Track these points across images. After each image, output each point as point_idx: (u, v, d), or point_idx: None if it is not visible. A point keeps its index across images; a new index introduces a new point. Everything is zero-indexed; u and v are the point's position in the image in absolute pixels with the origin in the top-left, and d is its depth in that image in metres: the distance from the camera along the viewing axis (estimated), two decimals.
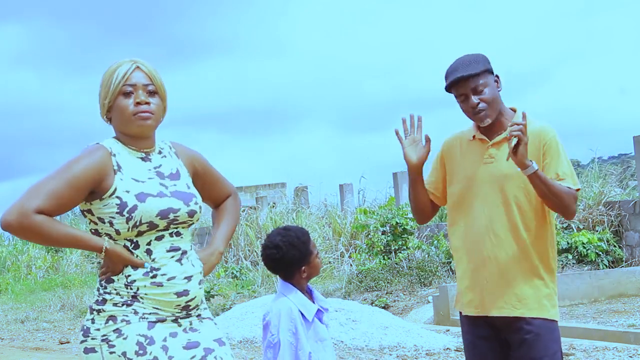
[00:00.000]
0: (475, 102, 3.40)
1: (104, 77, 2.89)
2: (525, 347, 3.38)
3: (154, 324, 2.79)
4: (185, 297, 2.84)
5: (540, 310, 3.40)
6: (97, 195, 2.79)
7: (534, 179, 3.29)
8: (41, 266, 21.30)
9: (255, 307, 10.18)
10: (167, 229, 2.85)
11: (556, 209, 3.39)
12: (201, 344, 2.86)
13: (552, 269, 3.47)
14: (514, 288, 3.39)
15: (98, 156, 2.79)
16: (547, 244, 3.45)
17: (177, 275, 2.83)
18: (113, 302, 2.78)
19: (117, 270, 2.80)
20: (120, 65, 2.88)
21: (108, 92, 2.86)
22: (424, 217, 3.69)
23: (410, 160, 3.53)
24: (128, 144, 2.90)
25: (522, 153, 3.23)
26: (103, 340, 2.76)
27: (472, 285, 3.48)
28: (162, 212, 2.80)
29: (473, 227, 3.46)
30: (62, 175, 2.73)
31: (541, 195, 3.34)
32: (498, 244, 3.41)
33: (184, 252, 2.88)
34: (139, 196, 2.78)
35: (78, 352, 2.97)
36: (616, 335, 8.34)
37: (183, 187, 2.92)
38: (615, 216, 13.56)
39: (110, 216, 2.78)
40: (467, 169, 3.50)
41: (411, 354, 8.04)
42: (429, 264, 13.56)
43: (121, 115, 2.86)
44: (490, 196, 3.43)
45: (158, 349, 2.76)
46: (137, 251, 2.81)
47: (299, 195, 22.65)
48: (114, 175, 2.80)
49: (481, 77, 3.38)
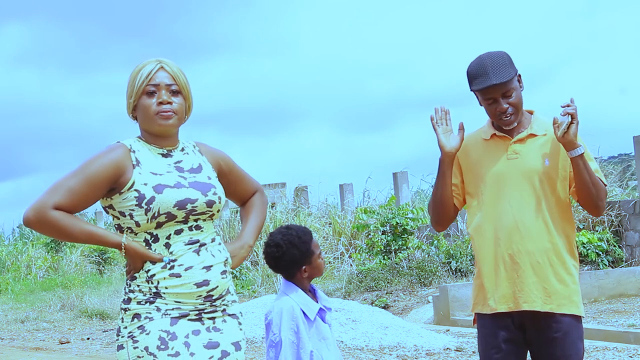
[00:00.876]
0: (505, 107, 3.39)
1: (130, 76, 2.97)
2: (554, 346, 3.38)
3: (177, 320, 2.84)
4: (205, 287, 2.88)
5: (570, 306, 3.40)
6: (116, 190, 2.87)
7: (579, 162, 3.31)
8: (41, 266, 21.31)
9: (255, 307, 10.18)
10: (187, 222, 2.89)
11: (589, 200, 3.39)
12: (220, 345, 2.90)
13: (576, 265, 3.48)
14: (544, 282, 3.39)
15: (116, 154, 2.88)
16: (572, 240, 3.46)
17: (195, 265, 2.88)
18: (137, 300, 2.85)
19: (137, 267, 2.87)
20: (145, 65, 2.95)
21: (133, 91, 2.95)
22: (446, 217, 3.60)
23: (444, 146, 3.49)
24: (151, 142, 2.98)
25: (574, 132, 3.25)
26: (129, 337, 2.84)
27: (503, 280, 3.44)
28: (180, 203, 2.86)
29: (501, 223, 3.43)
30: (81, 172, 2.83)
31: (581, 182, 3.34)
32: (528, 237, 3.39)
33: (203, 244, 2.92)
34: (156, 188, 2.85)
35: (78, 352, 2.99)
36: (616, 335, 8.34)
37: (203, 179, 2.97)
38: (615, 216, 13.56)
39: (130, 209, 2.85)
40: (491, 166, 3.48)
41: (411, 354, 8.04)
42: (429, 264, 13.57)
43: (144, 114, 2.94)
44: (517, 191, 3.42)
45: (180, 344, 2.81)
46: (156, 244, 2.87)
47: (299, 195, 22.65)
48: (133, 170, 2.87)
49: (512, 81, 3.38)
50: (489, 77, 3.36)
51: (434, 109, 3.55)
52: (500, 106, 3.40)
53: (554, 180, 3.40)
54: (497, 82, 3.34)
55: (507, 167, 3.45)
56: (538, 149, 3.43)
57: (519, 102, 3.42)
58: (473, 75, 3.41)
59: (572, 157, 3.32)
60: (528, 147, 3.44)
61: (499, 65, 3.37)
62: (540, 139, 3.43)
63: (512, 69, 3.39)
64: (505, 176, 3.45)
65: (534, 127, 3.47)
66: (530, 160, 3.42)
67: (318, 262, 3.58)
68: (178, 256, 2.86)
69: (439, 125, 3.52)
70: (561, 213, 3.43)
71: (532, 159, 3.42)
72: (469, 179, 3.56)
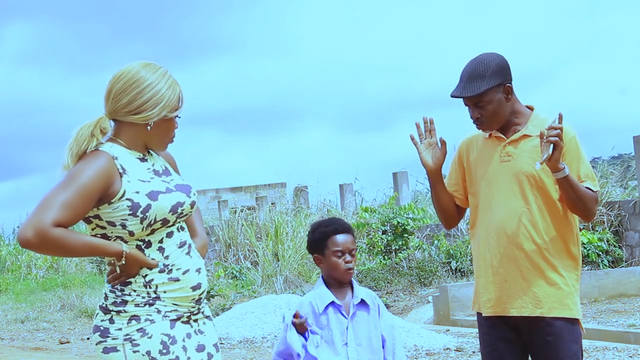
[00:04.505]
0: (476, 116, 3.41)
1: (152, 80, 2.85)
2: (547, 349, 3.37)
3: (174, 323, 2.82)
4: (198, 290, 2.88)
5: (561, 309, 3.38)
6: (104, 201, 2.77)
7: (564, 183, 3.29)
8: (41, 266, 21.30)
9: (255, 307, 10.18)
10: (175, 224, 2.87)
11: (577, 211, 3.39)
12: (206, 347, 2.91)
13: (573, 267, 3.44)
14: (533, 287, 3.37)
15: (103, 163, 2.77)
16: (568, 242, 3.43)
17: (190, 268, 2.87)
18: (135, 303, 2.79)
19: (132, 274, 2.80)
20: (174, 81, 2.88)
21: (165, 105, 2.84)
22: (450, 220, 3.66)
23: (427, 165, 3.52)
24: (130, 147, 2.88)
25: (556, 158, 3.23)
26: (126, 339, 2.77)
27: (490, 284, 3.45)
28: (173, 207, 2.83)
29: (492, 226, 3.44)
30: (71, 185, 2.71)
31: (566, 197, 3.34)
32: (516, 242, 3.39)
33: (190, 245, 2.92)
34: (150, 195, 2.79)
35: (78, 352, 2.97)
36: (616, 335, 8.34)
37: (179, 180, 2.95)
38: (615, 216, 13.55)
39: (123, 219, 2.77)
40: (485, 167, 3.48)
41: (411, 354, 8.04)
42: (429, 264, 13.57)
43: (161, 136, 2.89)
44: (508, 194, 3.41)
45: (179, 348, 2.80)
46: (149, 250, 2.82)
47: (298, 195, 22.65)
48: (121, 179, 2.78)
49: (483, 95, 3.36)
50: (459, 87, 3.40)
51: (415, 124, 3.54)
52: (472, 113, 3.42)
53: (547, 182, 3.38)
54: (463, 94, 3.37)
55: (499, 170, 3.45)
56: (531, 150, 3.40)
57: (494, 113, 3.39)
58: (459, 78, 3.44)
59: (556, 179, 3.30)
60: (521, 148, 3.42)
61: (475, 76, 3.37)
62: (534, 140, 3.39)
63: (491, 80, 3.35)
64: (497, 179, 3.44)
65: (529, 127, 3.44)
66: (522, 163, 3.40)
67: (332, 258, 3.56)
68: (174, 260, 2.84)
69: (422, 140, 3.53)
70: (554, 214, 3.40)
71: (523, 161, 3.40)
72: (470, 178, 3.57)
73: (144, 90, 2.83)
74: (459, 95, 3.39)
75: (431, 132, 3.53)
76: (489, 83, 3.36)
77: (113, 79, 2.87)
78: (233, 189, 28.05)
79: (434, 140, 3.53)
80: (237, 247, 19.48)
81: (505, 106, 3.41)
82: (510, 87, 3.41)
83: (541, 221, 3.39)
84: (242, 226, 19.77)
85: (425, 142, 3.53)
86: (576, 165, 3.38)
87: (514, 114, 3.45)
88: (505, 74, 3.40)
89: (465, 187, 3.60)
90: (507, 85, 3.40)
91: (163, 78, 2.86)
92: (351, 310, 3.55)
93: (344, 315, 3.53)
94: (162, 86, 2.85)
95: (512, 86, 3.42)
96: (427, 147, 3.53)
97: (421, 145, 3.53)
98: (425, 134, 3.53)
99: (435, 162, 3.52)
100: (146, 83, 2.83)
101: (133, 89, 2.83)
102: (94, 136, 2.82)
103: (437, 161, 3.52)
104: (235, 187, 28.16)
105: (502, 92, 3.39)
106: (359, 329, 3.53)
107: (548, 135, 3.22)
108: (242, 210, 21.24)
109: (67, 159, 2.81)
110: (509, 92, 3.41)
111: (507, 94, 3.40)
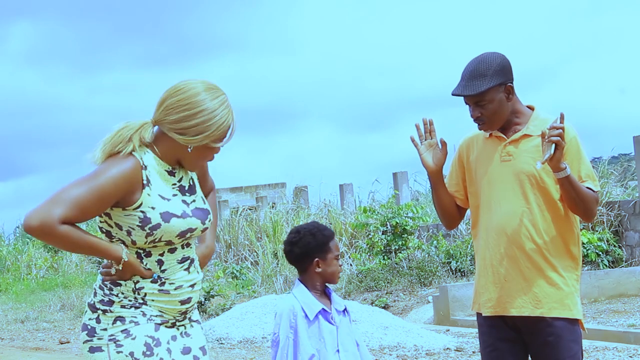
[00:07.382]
0: (476, 115, 3.41)
1: (207, 107, 2.76)
2: (547, 349, 3.37)
3: (159, 326, 2.82)
4: (187, 305, 2.88)
5: (561, 310, 3.38)
6: (120, 205, 2.74)
7: (565, 183, 3.29)
8: (41, 266, 21.33)
9: (255, 307, 10.18)
10: (180, 243, 2.86)
11: (578, 211, 3.39)
12: (192, 350, 2.91)
13: (573, 267, 3.44)
14: (533, 287, 3.37)
15: (128, 168, 2.72)
16: (569, 242, 3.43)
17: (184, 284, 2.86)
18: (121, 304, 2.80)
19: (125, 278, 2.80)
20: (230, 111, 2.80)
21: (209, 136, 2.77)
22: (451, 221, 3.67)
23: (428, 166, 3.53)
24: (161, 157, 2.83)
25: (558, 158, 3.23)
26: (110, 339, 2.78)
27: (490, 284, 3.45)
28: (182, 233, 2.80)
29: (492, 225, 3.44)
30: (90, 184, 2.67)
31: (567, 197, 3.34)
32: (516, 242, 3.39)
33: (192, 260, 2.91)
34: (164, 215, 2.76)
35: (78, 352, 2.98)
36: (616, 335, 8.34)
37: (200, 203, 2.91)
38: (615, 216, 13.55)
39: (130, 226, 2.75)
40: (485, 167, 3.49)
41: (411, 354, 8.04)
42: (429, 264, 13.56)
43: (198, 159, 2.84)
44: (508, 195, 3.42)
45: (164, 350, 2.80)
46: (147, 259, 2.81)
47: (298, 195, 22.66)
48: (142, 190, 2.75)
49: (484, 94, 3.37)
50: (460, 85, 3.40)
51: (415, 125, 3.55)
52: (472, 112, 3.42)
53: (547, 182, 3.38)
54: (464, 93, 3.38)
55: (499, 170, 3.45)
56: (532, 150, 3.40)
57: (494, 112, 3.40)
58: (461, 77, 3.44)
59: (558, 179, 3.31)
60: (522, 148, 3.43)
61: (476, 75, 3.37)
62: (535, 140, 3.39)
63: (492, 80, 3.36)
64: (497, 179, 3.45)
65: (530, 127, 3.45)
66: (523, 163, 3.41)
67: (333, 262, 3.54)
68: (170, 274, 2.82)
69: (422, 141, 3.54)
70: (555, 214, 3.40)
71: (524, 161, 3.40)
72: (470, 178, 3.57)
73: (196, 115, 2.74)
74: (460, 94, 3.40)
75: (431, 133, 3.54)
76: (490, 82, 3.36)
77: (171, 89, 2.79)
78: (233, 189, 28.04)
79: (434, 141, 3.54)
80: (237, 247, 19.49)
81: (506, 106, 3.42)
82: (511, 86, 3.42)
83: (542, 221, 3.39)
84: (242, 226, 19.79)
85: (425, 143, 3.54)
86: (577, 165, 3.38)
87: (514, 114, 3.46)
88: (506, 73, 3.40)
89: (465, 187, 3.60)
90: (509, 84, 3.41)
91: (220, 107, 2.76)
92: (337, 317, 3.55)
93: (331, 323, 3.53)
94: (216, 115, 2.76)
95: (513, 86, 3.42)
96: (427, 148, 3.54)
97: (422, 146, 3.54)
98: (425, 135, 3.55)
99: (436, 163, 3.53)
100: (200, 108, 2.74)
101: (186, 109, 2.74)
102: (131, 141, 2.77)
103: (438, 162, 3.53)
104: (235, 187, 28.15)
105: (503, 91, 3.40)
106: (343, 335, 3.54)
107: (550, 134, 3.22)
108: (243, 210, 21.27)
109: (98, 153, 2.78)
110: (510, 91, 3.41)
111: (508, 94, 3.41)
